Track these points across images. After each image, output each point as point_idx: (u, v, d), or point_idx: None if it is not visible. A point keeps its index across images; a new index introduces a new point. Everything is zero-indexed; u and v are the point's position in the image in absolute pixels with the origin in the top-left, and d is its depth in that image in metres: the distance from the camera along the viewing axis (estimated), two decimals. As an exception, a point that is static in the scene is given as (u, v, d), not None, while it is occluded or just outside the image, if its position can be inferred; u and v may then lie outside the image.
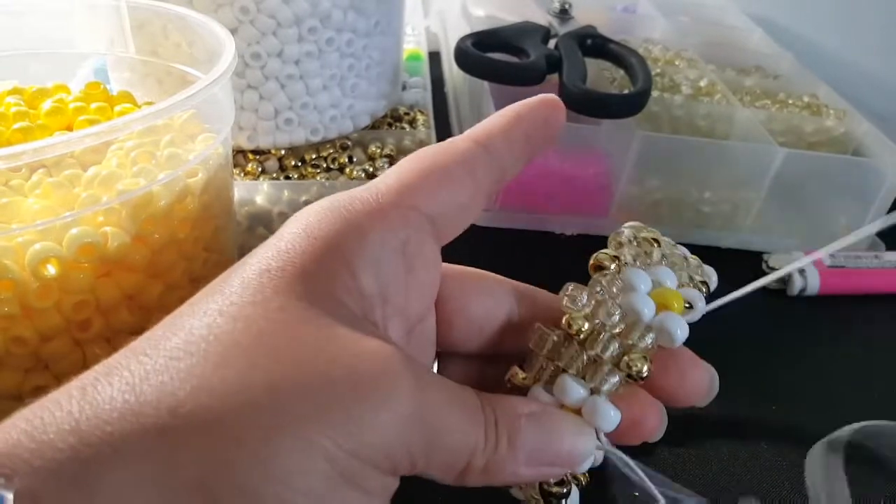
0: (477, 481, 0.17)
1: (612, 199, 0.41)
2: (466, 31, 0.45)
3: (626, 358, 0.19)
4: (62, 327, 0.24)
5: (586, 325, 0.19)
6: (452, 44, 0.43)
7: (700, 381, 0.20)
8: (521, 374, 0.20)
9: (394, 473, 0.16)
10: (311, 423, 0.14)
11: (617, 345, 0.19)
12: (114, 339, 0.25)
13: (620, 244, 0.21)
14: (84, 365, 0.22)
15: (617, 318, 0.19)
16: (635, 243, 0.21)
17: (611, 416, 0.19)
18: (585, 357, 0.19)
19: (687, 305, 0.20)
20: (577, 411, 0.19)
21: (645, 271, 0.20)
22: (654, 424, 0.20)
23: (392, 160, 0.44)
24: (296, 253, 0.17)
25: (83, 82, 0.34)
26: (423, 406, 0.16)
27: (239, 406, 0.14)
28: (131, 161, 0.25)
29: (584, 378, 0.19)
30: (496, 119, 0.20)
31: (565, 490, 0.20)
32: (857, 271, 0.39)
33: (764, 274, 0.40)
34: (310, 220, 0.18)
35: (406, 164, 0.19)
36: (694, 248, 0.22)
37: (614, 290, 0.20)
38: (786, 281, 0.39)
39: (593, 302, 0.20)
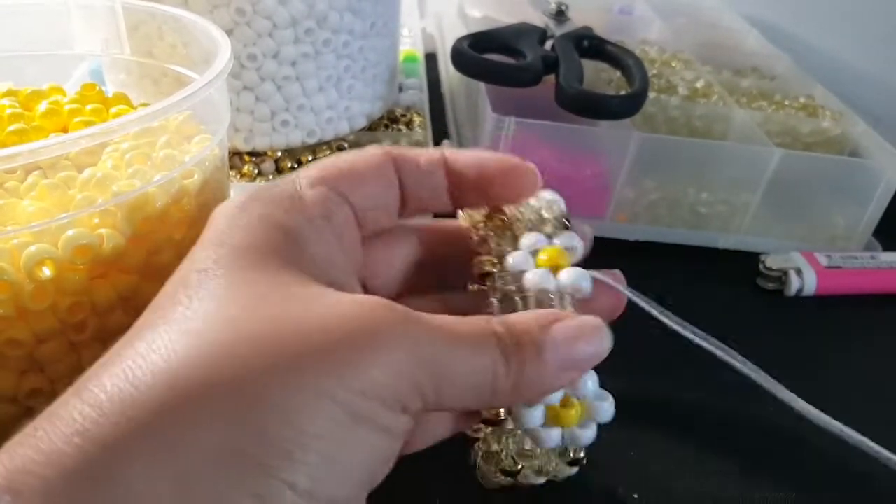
0: (510, 401, 0.19)
1: (610, 199, 0.41)
2: (463, 32, 0.45)
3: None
4: (57, 329, 0.23)
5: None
6: (449, 45, 0.43)
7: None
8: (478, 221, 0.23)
9: (405, 411, 0.16)
10: (313, 368, 0.15)
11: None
12: (109, 341, 0.25)
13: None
14: (79, 367, 0.22)
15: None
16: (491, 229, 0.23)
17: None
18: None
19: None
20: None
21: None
22: (617, 299, 0.23)
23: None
24: (240, 236, 0.18)
25: (78, 84, 0.33)
26: (420, 343, 0.17)
27: (233, 363, 0.15)
28: (127, 163, 0.25)
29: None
30: (432, 151, 0.22)
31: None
32: (854, 271, 0.39)
33: (760, 275, 0.41)
34: (235, 214, 0.19)
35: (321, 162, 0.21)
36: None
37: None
38: (783, 281, 0.39)
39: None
